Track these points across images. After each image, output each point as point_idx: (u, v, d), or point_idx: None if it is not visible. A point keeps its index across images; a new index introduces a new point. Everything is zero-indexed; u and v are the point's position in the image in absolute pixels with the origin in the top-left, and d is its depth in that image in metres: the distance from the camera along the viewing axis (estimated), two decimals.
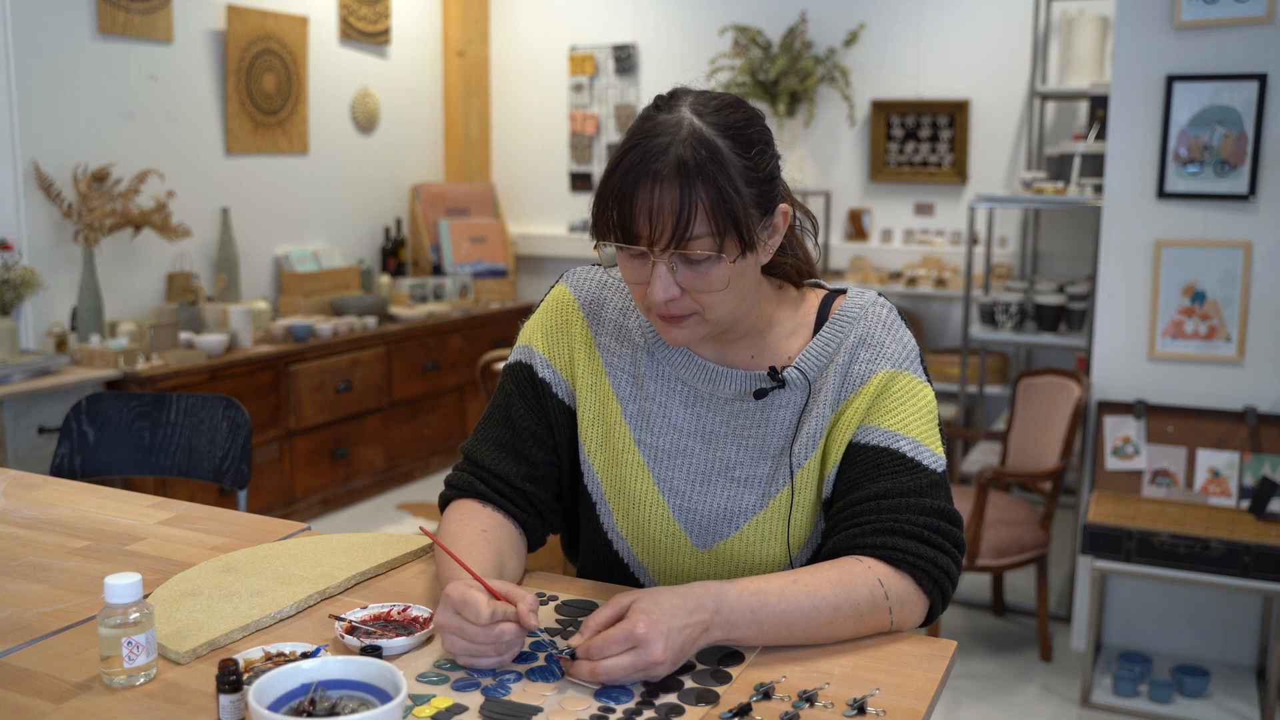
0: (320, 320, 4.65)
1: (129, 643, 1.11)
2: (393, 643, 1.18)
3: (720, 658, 1.18)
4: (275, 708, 0.99)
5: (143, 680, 1.13)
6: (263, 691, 0.99)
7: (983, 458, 4.09)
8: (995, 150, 4.87)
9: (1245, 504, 3.13)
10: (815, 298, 1.40)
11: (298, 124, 4.98)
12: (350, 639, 1.20)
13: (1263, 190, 3.06)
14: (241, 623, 1.24)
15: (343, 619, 1.24)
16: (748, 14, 5.19)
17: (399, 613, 1.26)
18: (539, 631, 1.17)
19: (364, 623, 1.24)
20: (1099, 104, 4.10)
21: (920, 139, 4.97)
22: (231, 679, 1.03)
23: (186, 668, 1.17)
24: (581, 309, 1.43)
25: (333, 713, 1.01)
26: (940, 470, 1.30)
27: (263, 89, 4.77)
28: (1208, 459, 3.17)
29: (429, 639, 1.23)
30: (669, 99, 1.25)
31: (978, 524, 3.15)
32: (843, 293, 1.39)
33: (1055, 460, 3.29)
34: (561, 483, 1.45)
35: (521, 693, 1.11)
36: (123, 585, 1.11)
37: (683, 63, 5.37)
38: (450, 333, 5.20)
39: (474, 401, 5.38)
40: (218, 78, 4.60)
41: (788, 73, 4.91)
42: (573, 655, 1.13)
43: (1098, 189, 3.85)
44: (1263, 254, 3.08)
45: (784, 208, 1.27)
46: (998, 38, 4.78)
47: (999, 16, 4.77)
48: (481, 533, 1.33)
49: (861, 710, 1.08)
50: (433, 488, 5.00)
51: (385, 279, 5.27)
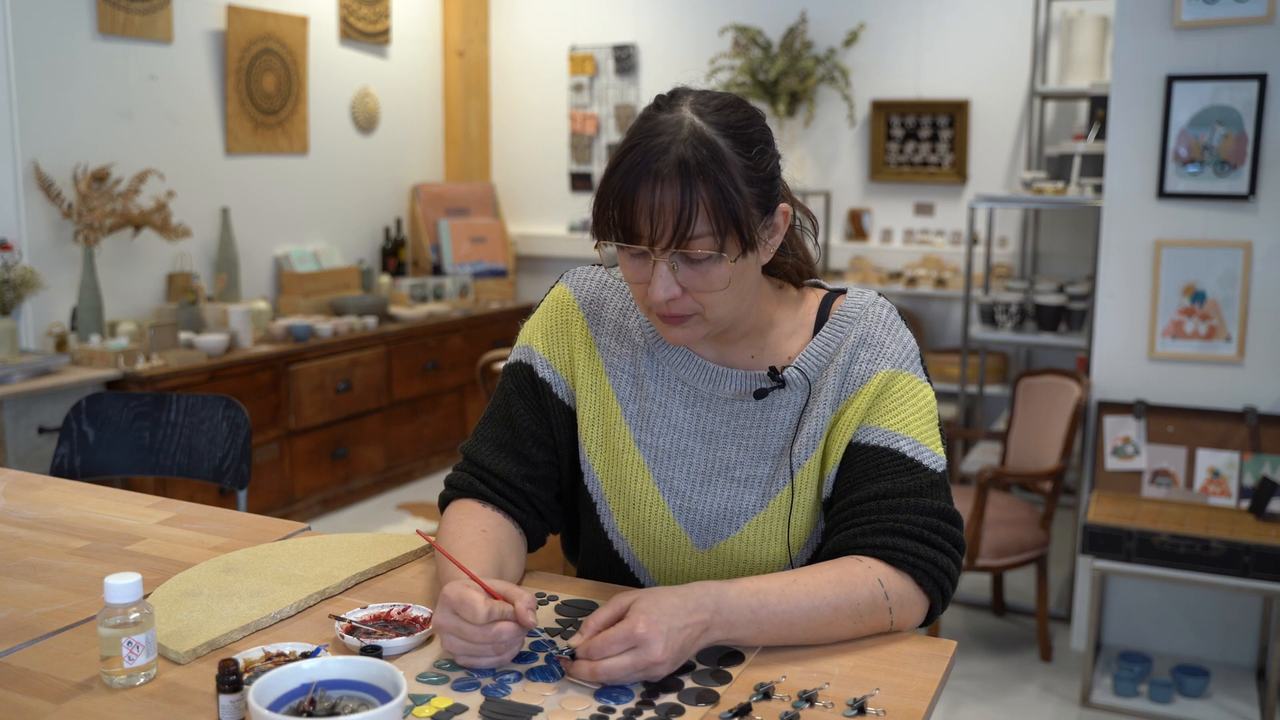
0: (320, 320, 4.65)
1: (129, 643, 1.11)
2: (393, 643, 1.18)
3: (720, 658, 1.18)
4: (275, 708, 0.99)
5: (143, 680, 1.13)
6: (263, 691, 0.99)
7: (983, 458, 4.09)
8: (995, 150, 4.87)
9: (1245, 504, 3.13)
10: (815, 298, 1.40)
11: (298, 124, 4.98)
12: (350, 639, 1.20)
13: (1263, 190, 3.06)
14: (241, 623, 1.24)
15: (343, 619, 1.24)
16: (748, 14, 5.19)
17: (399, 613, 1.26)
18: (539, 631, 1.17)
19: (364, 623, 1.24)
20: (1099, 104, 4.10)
21: (920, 139, 4.97)
22: (231, 679, 1.03)
23: (186, 668, 1.17)
24: (581, 309, 1.43)
25: (333, 713, 1.01)
26: (940, 470, 1.30)
27: (263, 89, 4.77)
28: (1208, 459, 3.17)
29: (429, 639, 1.23)
30: (670, 98, 1.25)
31: (978, 524, 3.15)
32: (843, 293, 1.39)
33: (1055, 460, 3.29)
34: (561, 483, 1.45)
35: (521, 693, 1.11)
36: (123, 585, 1.11)
37: (683, 63, 5.37)
38: (450, 333, 5.20)
39: (474, 401, 5.38)
40: (218, 78, 4.60)
41: (788, 73, 4.91)
42: (573, 655, 1.13)
43: (1098, 189, 3.85)
44: (1263, 254, 3.08)
45: (784, 207, 1.27)
46: (998, 38, 4.78)
47: (999, 16, 4.77)
48: (481, 533, 1.33)
49: (861, 710, 1.08)
50: (433, 488, 4.99)
51: (385, 279, 5.27)
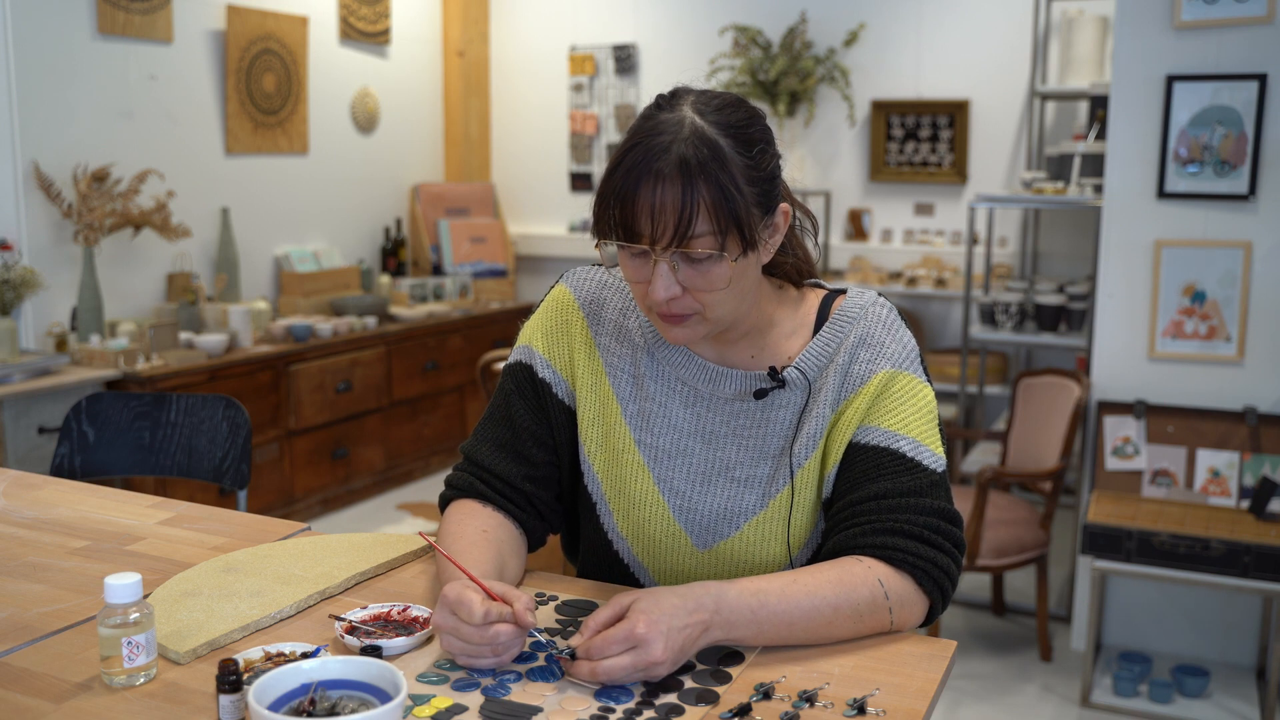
0: (320, 320, 4.65)
1: (129, 643, 1.11)
2: (393, 643, 1.18)
3: (720, 658, 1.18)
4: (275, 708, 0.99)
5: (143, 680, 1.13)
6: (263, 691, 0.99)
7: (983, 458, 4.09)
8: (995, 150, 4.87)
9: (1245, 504, 3.13)
10: (815, 298, 1.40)
11: (298, 124, 4.98)
12: (350, 639, 1.20)
13: (1263, 190, 3.06)
14: (241, 623, 1.24)
15: (343, 619, 1.24)
16: (748, 14, 5.19)
17: (399, 613, 1.26)
18: (539, 632, 1.17)
19: (364, 623, 1.24)
20: (1099, 104, 4.10)
21: (920, 139, 4.97)
22: (231, 679, 1.03)
23: (186, 668, 1.17)
24: (581, 309, 1.43)
25: (333, 713, 1.01)
26: (940, 470, 1.30)
27: (263, 89, 4.77)
28: (1208, 459, 3.17)
29: (429, 639, 1.23)
30: (670, 98, 1.25)
31: (978, 524, 3.15)
32: (843, 293, 1.39)
33: (1055, 460, 3.29)
34: (561, 483, 1.45)
35: (521, 693, 1.11)
36: (123, 585, 1.11)
37: (683, 63, 5.37)
38: (450, 333, 5.20)
39: (474, 401, 5.38)
40: (218, 78, 4.60)
41: (788, 73, 4.91)
42: (573, 655, 1.13)
43: (1098, 189, 3.85)
44: (1263, 254, 3.08)
45: (785, 207, 1.27)
46: (998, 38, 4.78)
47: (999, 16, 4.77)
48: (482, 533, 1.33)
49: (861, 710, 1.08)
50: (433, 488, 4.99)
51: (385, 279, 5.27)
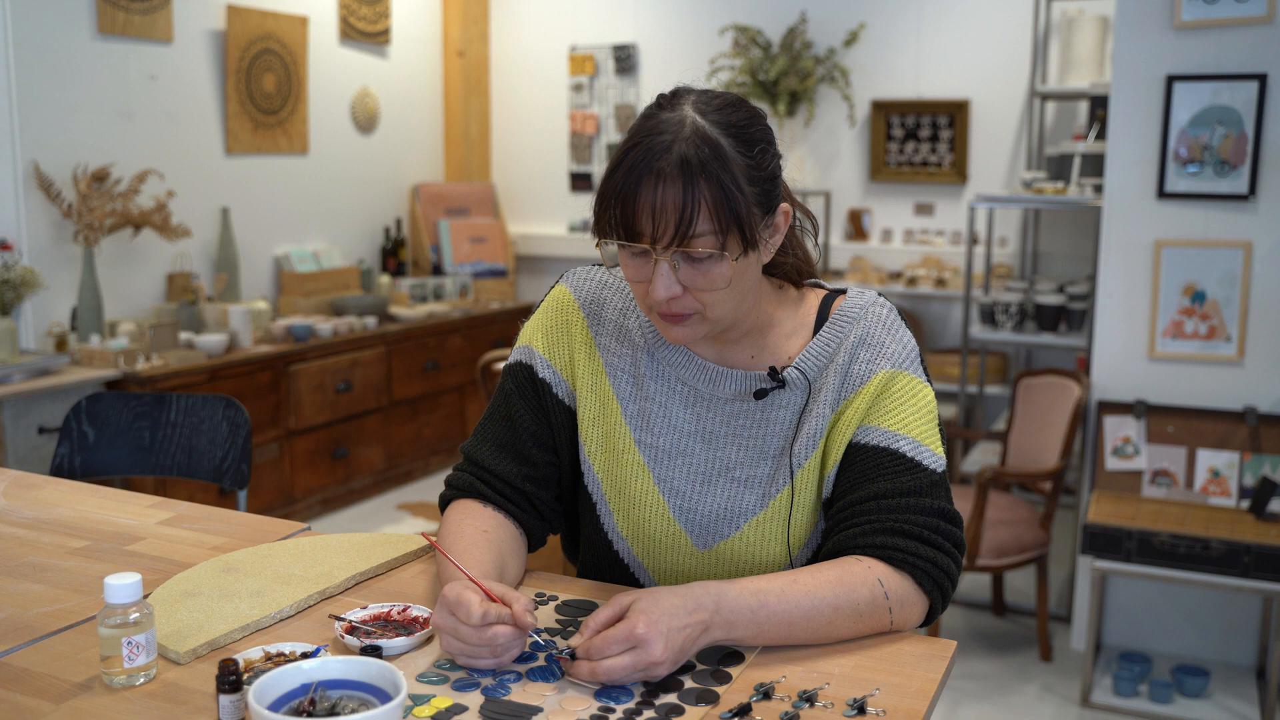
0: (320, 320, 4.65)
1: (129, 643, 1.11)
2: (393, 643, 1.18)
3: (720, 658, 1.18)
4: (275, 708, 0.99)
5: (143, 680, 1.13)
6: (263, 691, 0.99)
7: (983, 458, 4.09)
8: (995, 150, 4.87)
9: (1245, 504, 3.13)
10: (815, 298, 1.40)
11: (298, 124, 4.97)
12: (350, 639, 1.20)
13: (1263, 190, 3.06)
14: (241, 623, 1.24)
15: (343, 619, 1.24)
16: (748, 14, 5.19)
17: (399, 613, 1.26)
18: (538, 632, 1.17)
19: (364, 623, 1.24)
20: (1099, 104, 4.10)
21: (920, 139, 4.97)
22: (231, 679, 1.03)
23: (186, 668, 1.17)
24: (582, 309, 1.43)
25: (333, 713, 1.01)
26: (940, 470, 1.30)
27: (263, 89, 4.77)
28: (1208, 459, 3.17)
29: (429, 639, 1.23)
30: (671, 97, 1.25)
31: (978, 524, 3.15)
32: (843, 293, 1.39)
33: (1055, 460, 3.29)
34: (562, 483, 1.45)
35: (521, 693, 1.11)
36: (123, 585, 1.11)
37: (683, 63, 5.37)
38: (450, 333, 5.20)
39: (474, 401, 5.38)
40: (218, 78, 4.60)
41: (788, 73, 4.91)
42: (573, 655, 1.13)
43: (1098, 189, 3.84)
44: (1263, 254, 3.08)
45: (785, 207, 1.27)
46: (998, 38, 4.78)
47: (999, 16, 4.77)
48: (482, 533, 1.33)
49: (861, 710, 1.08)
50: (433, 488, 4.99)
51: (385, 279, 5.27)
